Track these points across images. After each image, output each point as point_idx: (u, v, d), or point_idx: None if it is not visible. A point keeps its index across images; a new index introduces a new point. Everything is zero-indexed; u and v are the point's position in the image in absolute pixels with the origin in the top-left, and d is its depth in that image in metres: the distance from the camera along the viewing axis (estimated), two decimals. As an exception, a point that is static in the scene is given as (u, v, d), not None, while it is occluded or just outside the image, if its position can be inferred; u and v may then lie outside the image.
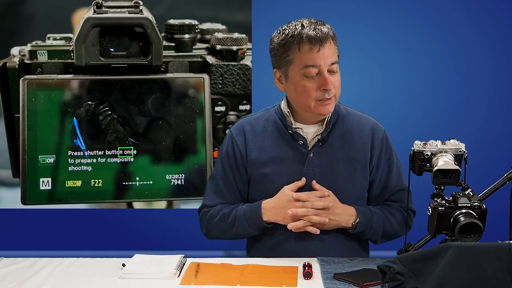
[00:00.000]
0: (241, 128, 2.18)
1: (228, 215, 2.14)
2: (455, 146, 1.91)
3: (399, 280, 1.62)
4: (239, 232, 2.14)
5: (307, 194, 2.05)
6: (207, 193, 2.23)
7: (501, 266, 1.56)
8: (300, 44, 2.02)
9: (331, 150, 2.12)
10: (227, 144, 2.19)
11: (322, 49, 2.01)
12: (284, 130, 2.13)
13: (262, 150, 2.13)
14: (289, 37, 2.04)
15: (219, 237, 2.21)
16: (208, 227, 2.20)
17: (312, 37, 2.01)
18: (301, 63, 2.03)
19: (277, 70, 2.12)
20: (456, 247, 1.60)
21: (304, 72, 2.03)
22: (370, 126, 2.17)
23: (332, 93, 2.05)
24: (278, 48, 2.07)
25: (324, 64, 2.02)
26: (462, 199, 1.84)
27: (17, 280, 1.89)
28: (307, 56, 2.02)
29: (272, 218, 2.08)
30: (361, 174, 2.14)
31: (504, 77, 3.53)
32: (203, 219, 2.21)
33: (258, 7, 3.34)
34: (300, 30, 2.03)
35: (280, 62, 2.08)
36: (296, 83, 2.06)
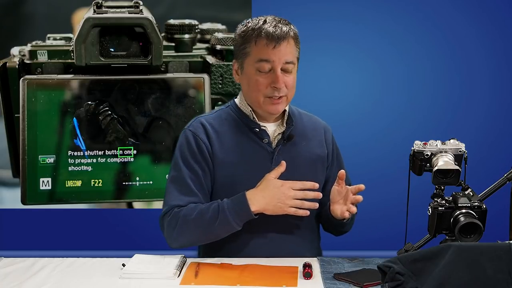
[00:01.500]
0: (201, 126, 2.11)
1: (207, 211, 2.01)
2: (455, 146, 1.91)
3: (399, 280, 1.62)
4: (220, 228, 2.01)
5: (302, 184, 2.03)
6: (171, 196, 2.07)
7: (501, 266, 1.56)
8: (257, 38, 2.04)
9: (293, 148, 2.13)
10: (187, 143, 2.10)
11: (278, 46, 2.02)
12: (246, 129, 2.11)
13: (227, 150, 2.09)
14: (249, 30, 2.06)
15: (191, 239, 2.06)
16: (181, 228, 2.03)
17: (270, 33, 2.03)
18: (255, 56, 2.04)
19: (235, 61, 2.13)
20: (456, 247, 1.60)
21: (258, 66, 2.04)
22: (322, 125, 2.23)
23: (282, 92, 2.05)
24: (238, 40, 2.09)
25: (278, 61, 2.03)
26: (462, 199, 1.85)
27: (17, 280, 1.89)
28: (262, 51, 2.03)
29: (261, 207, 2.00)
30: (321, 170, 2.18)
31: (504, 77, 3.53)
32: (173, 221, 2.04)
33: (258, 7, 3.34)
34: (261, 25, 2.05)
35: (238, 54, 2.10)
36: (249, 76, 2.07)
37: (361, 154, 3.32)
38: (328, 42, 3.32)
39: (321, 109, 2.33)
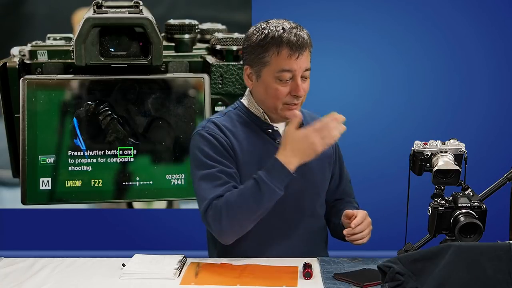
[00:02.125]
0: (216, 126, 2.09)
1: (247, 189, 1.95)
2: (455, 146, 1.91)
3: (399, 280, 1.62)
4: (266, 200, 1.94)
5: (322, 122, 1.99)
6: (206, 192, 2.01)
7: (501, 266, 1.56)
8: (279, 48, 2.01)
9: None
10: (207, 141, 2.06)
11: (301, 56, 2.01)
12: (258, 130, 2.11)
13: (242, 149, 2.09)
14: (269, 39, 2.02)
15: (241, 223, 1.98)
16: (227, 216, 1.95)
17: (293, 43, 2.00)
18: (277, 66, 2.02)
19: (248, 67, 2.09)
20: (456, 247, 1.60)
21: (279, 76, 2.02)
22: None
23: (300, 99, 2.06)
24: (255, 47, 2.05)
25: (299, 70, 2.02)
26: (462, 199, 1.85)
27: (17, 280, 1.89)
28: (285, 61, 2.01)
29: (297, 162, 1.95)
30: (328, 168, 2.20)
31: (504, 77, 3.54)
32: (216, 213, 1.96)
33: (258, 7, 3.34)
34: (281, 34, 2.01)
35: (255, 61, 2.06)
36: (268, 85, 2.05)
37: (361, 154, 3.32)
38: (328, 42, 3.31)
39: (321, 109, 2.32)
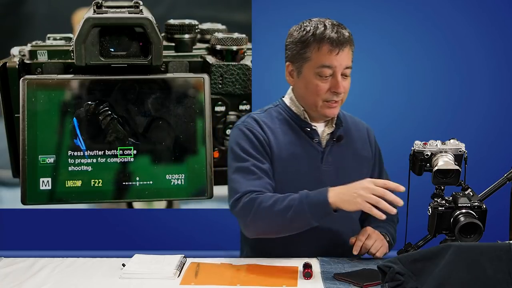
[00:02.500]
0: (256, 122, 2.14)
1: (284, 200, 1.94)
2: (455, 146, 1.91)
3: (399, 280, 1.62)
4: (294, 219, 1.92)
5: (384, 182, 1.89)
6: (240, 184, 2.02)
7: (501, 266, 1.56)
8: (320, 44, 2.04)
9: (341, 148, 2.17)
10: (245, 135, 2.10)
11: (341, 52, 2.04)
12: (298, 128, 2.14)
13: (280, 146, 2.11)
14: (310, 35, 2.06)
15: (265, 228, 1.99)
16: (255, 214, 1.96)
17: (334, 39, 2.04)
18: (317, 62, 2.05)
19: (290, 63, 2.14)
20: (456, 247, 1.60)
21: (319, 72, 2.05)
22: (364, 126, 2.29)
23: (340, 97, 2.09)
24: (297, 43, 2.09)
25: (340, 66, 2.05)
26: (462, 199, 1.85)
27: (17, 280, 1.89)
28: (325, 57, 2.04)
29: (338, 198, 1.87)
30: (366, 171, 2.20)
31: (504, 77, 3.54)
32: (248, 205, 1.97)
33: (258, 7, 3.34)
34: (323, 30, 2.05)
35: (296, 57, 2.10)
36: (308, 80, 2.08)
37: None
38: (328, 42, 3.32)
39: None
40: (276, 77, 3.42)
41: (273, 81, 3.46)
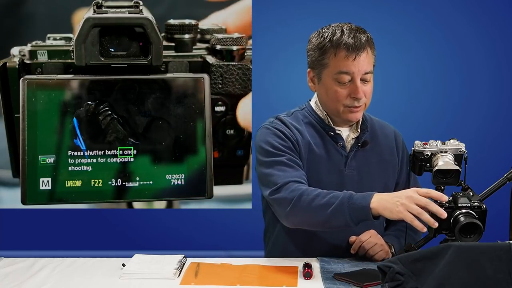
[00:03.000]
0: (283, 123, 2.14)
1: (325, 196, 1.91)
2: (455, 146, 1.91)
3: (399, 280, 1.62)
4: (332, 217, 1.88)
5: (427, 191, 1.82)
6: (277, 177, 2.00)
7: (501, 266, 1.56)
8: (337, 50, 2.04)
9: (366, 153, 2.15)
10: (274, 134, 2.09)
11: (358, 58, 2.03)
12: (323, 132, 2.14)
13: (306, 148, 2.11)
14: (327, 41, 2.06)
15: (303, 220, 1.96)
16: (296, 204, 1.94)
17: (350, 44, 2.03)
18: (335, 68, 2.05)
19: (311, 70, 2.14)
20: (456, 247, 1.60)
21: (337, 78, 2.05)
22: (392, 130, 2.25)
23: (361, 102, 2.08)
24: (315, 50, 2.09)
25: (358, 72, 2.04)
26: (462, 199, 1.84)
27: (17, 280, 1.89)
28: (342, 63, 2.04)
29: (380, 204, 1.83)
30: (391, 176, 2.19)
31: (504, 77, 3.54)
32: (290, 196, 1.95)
33: (258, 7, 3.34)
34: (339, 36, 2.04)
35: (315, 64, 2.10)
36: (328, 87, 2.08)
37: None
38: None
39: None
40: (276, 77, 3.43)
41: (273, 81, 3.47)
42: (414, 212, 1.77)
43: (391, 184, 2.19)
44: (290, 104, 2.28)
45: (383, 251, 2.06)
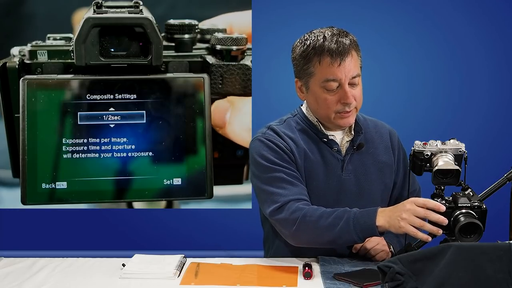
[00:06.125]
0: (276, 134, 2.10)
1: (329, 215, 1.93)
2: (455, 146, 1.91)
3: (399, 280, 1.62)
4: (338, 237, 1.91)
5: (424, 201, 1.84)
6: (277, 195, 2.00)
7: (501, 266, 1.56)
8: (320, 57, 2.00)
9: (361, 155, 2.12)
10: (268, 147, 2.07)
11: (344, 63, 1.99)
12: (316, 138, 2.11)
13: (301, 155, 2.08)
14: (310, 49, 2.02)
15: (309, 240, 1.98)
16: (299, 226, 1.94)
17: (334, 50, 1.98)
18: (321, 76, 2.01)
19: (298, 79, 2.11)
20: (456, 247, 1.60)
21: (325, 86, 2.01)
22: (387, 130, 2.21)
23: (352, 106, 2.04)
24: (299, 59, 2.05)
25: (345, 78, 2.00)
26: (462, 199, 1.84)
27: (17, 280, 1.89)
28: (328, 70, 2.00)
29: (384, 220, 1.86)
30: (388, 177, 2.16)
31: (504, 77, 3.54)
32: (292, 216, 1.95)
33: (258, 7, 3.34)
34: (322, 42, 2.00)
35: (301, 73, 2.07)
36: (317, 95, 2.05)
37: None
38: (328, 42, 3.32)
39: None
40: (276, 77, 3.43)
41: (273, 81, 3.47)
42: (416, 225, 1.80)
43: (389, 185, 2.17)
44: (290, 104, 2.27)
45: (384, 251, 2.06)
